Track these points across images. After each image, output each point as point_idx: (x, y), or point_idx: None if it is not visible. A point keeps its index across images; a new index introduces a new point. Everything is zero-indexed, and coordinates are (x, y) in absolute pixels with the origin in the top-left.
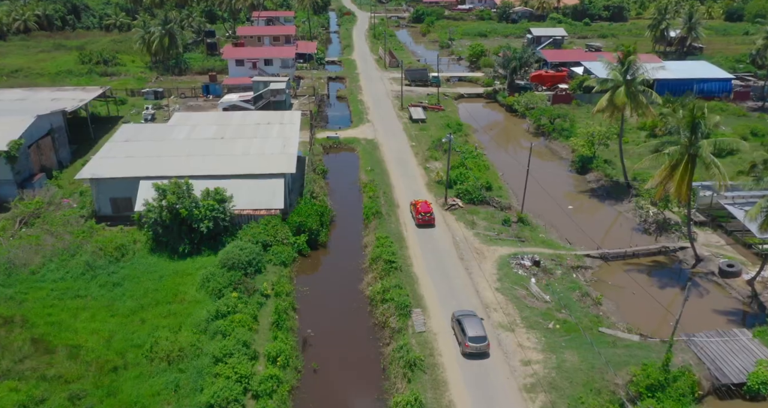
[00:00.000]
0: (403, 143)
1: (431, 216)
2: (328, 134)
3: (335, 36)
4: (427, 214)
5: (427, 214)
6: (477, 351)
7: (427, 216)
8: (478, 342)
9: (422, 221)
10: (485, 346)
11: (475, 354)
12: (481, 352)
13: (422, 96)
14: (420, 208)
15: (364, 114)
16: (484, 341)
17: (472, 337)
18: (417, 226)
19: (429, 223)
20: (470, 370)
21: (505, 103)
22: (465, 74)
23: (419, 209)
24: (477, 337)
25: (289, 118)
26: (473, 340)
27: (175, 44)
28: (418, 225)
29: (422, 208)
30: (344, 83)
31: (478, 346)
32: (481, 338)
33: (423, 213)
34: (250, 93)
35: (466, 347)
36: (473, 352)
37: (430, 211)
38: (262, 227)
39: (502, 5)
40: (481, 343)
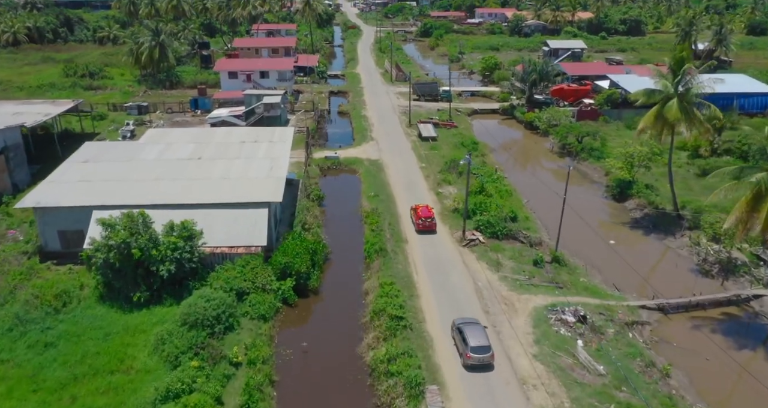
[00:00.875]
0: (412, 164)
1: (432, 221)
2: (327, 154)
3: (339, 50)
4: (428, 220)
5: (428, 219)
6: (480, 362)
7: (428, 221)
8: (481, 352)
9: (423, 227)
10: (489, 357)
11: (478, 366)
12: (485, 364)
13: (432, 112)
14: (420, 212)
15: (367, 131)
16: (487, 351)
17: (475, 347)
18: (417, 232)
19: (430, 228)
20: None
21: (524, 120)
22: (478, 88)
23: (420, 214)
24: (480, 347)
25: (280, 135)
26: (476, 351)
27: (166, 56)
28: (418, 231)
29: (423, 213)
30: (347, 98)
31: (481, 357)
32: (485, 348)
33: (424, 218)
34: (242, 107)
35: (467, 358)
36: (476, 364)
37: (431, 216)
38: (239, 270)
39: (514, 19)
40: (485, 354)
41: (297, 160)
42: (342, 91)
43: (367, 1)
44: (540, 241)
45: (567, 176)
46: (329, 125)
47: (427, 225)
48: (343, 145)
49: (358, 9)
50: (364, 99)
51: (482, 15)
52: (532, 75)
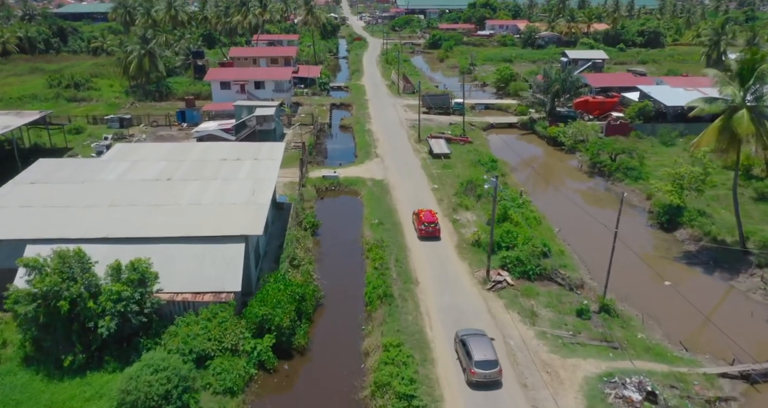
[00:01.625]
0: (422, 185)
1: (436, 227)
2: (325, 173)
3: (344, 62)
4: (431, 225)
5: (431, 225)
6: (486, 379)
7: (431, 227)
8: (488, 367)
9: (425, 233)
10: (496, 372)
11: (484, 383)
12: (491, 381)
13: (444, 126)
14: (423, 217)
15: (372, 147)
16: (494, 367)
17: (480, 362)
18: (419, 238)
19: (433, 234)
20: None
21: (546, 135)
22: (493, 101)
23: (422, 218)
24: (485, 361)
25: (269, 151)
26: (481, 366)
27: (156, 66)
28: (420, 237)
29: (426, 218)
30: (350, 110)
31: (488, 373)
32: (491, 363)
33: (427, 223)
34: (233, 121)
35: (471, 374)
36: (481, 381)
37: (434, 221)
38: (203, 325)
39: (527, 30)
40: (491, 370)
41: (291, 179)
42: (345, 103)
43: (374, 15)
44: (581, 282)
45: (620, 204)
46: (329, 140)
47: (431, 231)
48: (344, 162)
49: (365, 22)
50: (369, 112)
51: (493, 27)
52: (554, 85)
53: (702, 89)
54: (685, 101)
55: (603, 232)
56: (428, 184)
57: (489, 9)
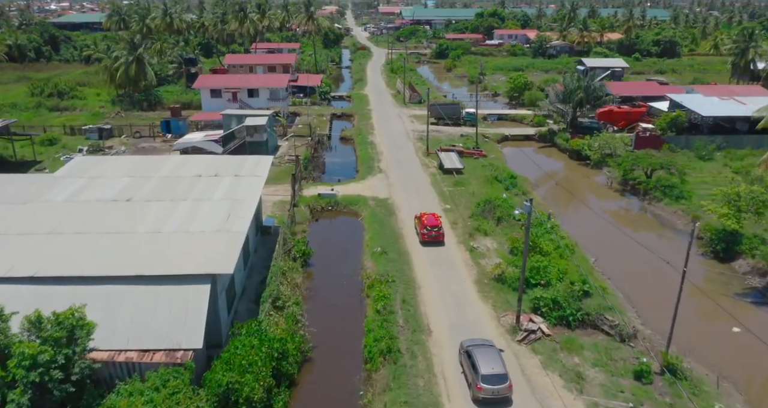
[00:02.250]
0: (432, 205)
1: (439, 231)
2: (321, 190)
3: (347, 72)
4: (434, 229)
5: (435, 229)
6: (494, 395)
7: (434, 231)
8: (496, 382)
9: (428, 238)
10: (505, 388)
11: (492, 400)
12: (500, 397)
13: (455, 138)
14: (426, 220)
15: (375, 161)
16: (503, 381)
17: (487, 376)
18: (421, 243)
19: (437, 239)
20: None
21: (569, 148)
22: (506, 112)
23: (425, 222)
24: (493, 375)
25: (254, 166)
26: (488, 380)
27: (144, 74)
28: (422, 242)
29: (428, 221)
30: (352, 121)
31: (496, 388)
32: (500, 377)
33: (429, 227)
34: (220, 131)
35: (477, 390)
36: (489, 397)
37: (438, 225)
38: (149, 396)
39: (537, 39)
40: (500, 385)
41: (282, 198)
42: (346, 113)
43: (379, 25)
44: (633, 331)
45: (691, 237)
46: (328, 153)
47: (434, 236)
48: (343, 178)
49: (369, 33)
50: (373, 122)
51: (501, 36)
52: (577, 94)
53: (739, 98)
54: (723, 111)
55: (645, 261)
56: (439, 204)
57: (497, 19)
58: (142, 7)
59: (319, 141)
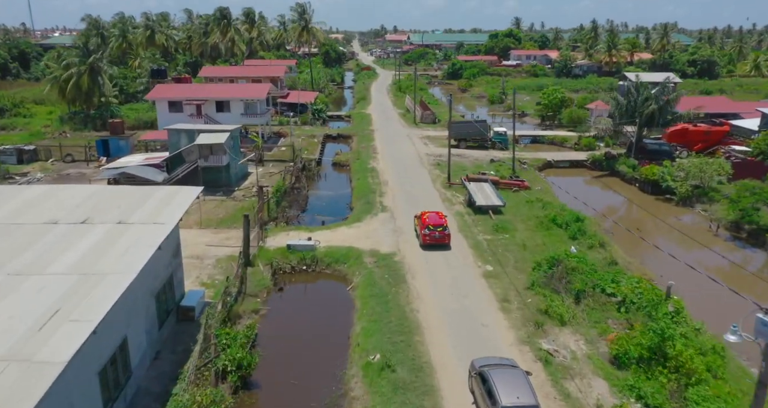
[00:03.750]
0: (465, 265)
1: (444, 231)
2: (292, 241)
3: (349, 93)
4: (438, 228)
5: (438, 228)
6: None
7: (438, 231)
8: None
9: (430, 240)
10: None
11: None
12: None
13: (482, 164)
14: (428, 219)
15: (376, 194)
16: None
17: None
18: (422, 246)
19: (441, 242)
20: None
21: (637, 177)
22: (542, 133)
23: (426, 221)
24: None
25: (161, 205)
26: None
27: (99, 87)
28: (423, 245)
29: (431, 220)
30: (349, 143)
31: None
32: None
33: (432, 226)
34: (166, 153)
35: None
36: None
37: (442, 224)
38: None
39: (561, 59)
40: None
41: (234, 251)
42: (343, 135)
43: (385, 50)
44: None
45: None
46: (316, 184)
47: (438, 237)
48: (330, 219)
49: (375, 56)
50: (376, 144)
51: (519, 57)
52: (646, 106)
53: None
54: None
55: None
56: (475, 262)
57: (513, 39)
58: (123, 22)
59: (304, 167)
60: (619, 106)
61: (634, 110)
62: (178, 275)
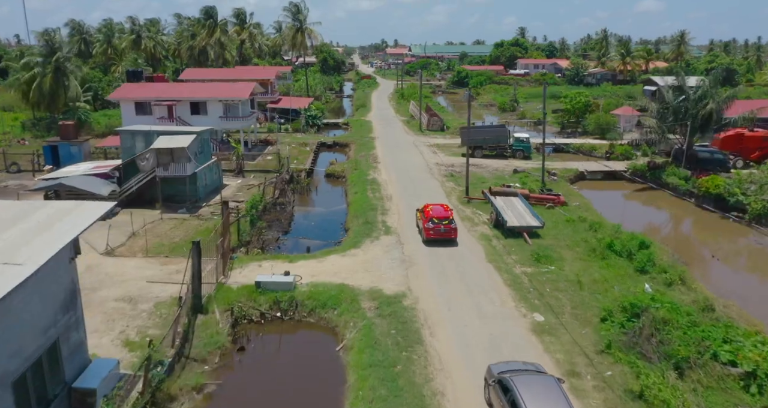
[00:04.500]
0: (505, 317)
1: (450, 224)
2: (263, 277)
3: (348, 102)
4: (443, 221)
5: (444, 221)
6: None
7: (443, 224)
8: None
9: (434, 235)
10: None
11: None
12: None
13: (504, 175)
14: (431, 212)
15: (378, 211)
16: None
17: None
18: (425, 241)
19: (446, 237)
20: None
21: (692, 191)
22: (567, 141)
23: (429, 213)
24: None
25: (32, 229)
26: None
27: (65, 89)
28: (426, 241)
29: (435, 212)
30: (347, 152)
31: None
32: None
33: (437, 219)
34: (118, 161)
35: None
36: None
37: (448, 216)
38: None
39: (573, 67)
40: None
41: (171, 293)
42: (340, 143)
43: (386, 61)
44: None
45: None
46: (305, 198)
47: (443, 232)
48: (317, 245)
49: (375, 67)
50: (377, 153)
51: (527, 66)
52: (704, 106)
53: None
54: None
55: None
56: (516, 310)
57: (520, 48)
58: (109, 27)
59: (292, 179)
60: (664, 107)
61: (685, 111)
62: (74, 339)
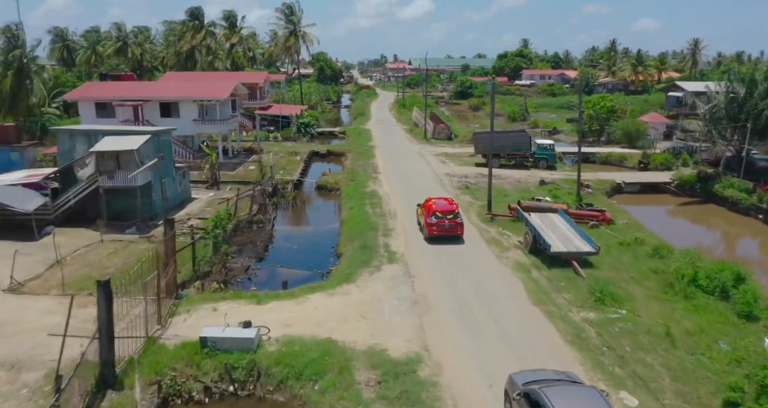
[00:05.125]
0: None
1: (456, 219)
2: (211, 331)
3: (346, 112)
4: (448, 215)
5: (449, 215)
6: None
7: (448, 219)
8: None
9: (438, 231)
10: None
11: None
12: None
13: (528, 187)
14: (434, 205)
15: (379, 232)
16: None
17: None
18: (427, 239)
19: (452, 233)
20: None
21: (760, 206)
22: (597, 150)
23: (432, 207)
24: None
25: None
26: None
27: (28, 91)
28: (429, 238)
29: (438, 206)
30: (342, 162)
31: None
32: None
33: (441, 213)
34: (54, 169)
35: None
36: None
37: (453, 210)
38: None
39: (583, 77)
40: None
41: (80, 352)
42: (335, 152)
43: (386, 74)
44: None
45: None
46: (286, 215)
47: (448, 227)
48: (297, 278)
49: (375, 80)
50: (377, 162)
51: (532, 77)
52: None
53: None
54: None
55: None
56: (590, 381)
57: (524, 59)
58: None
59: (275, 191)
60: (715, 106)
61: (739, 112)
62: None
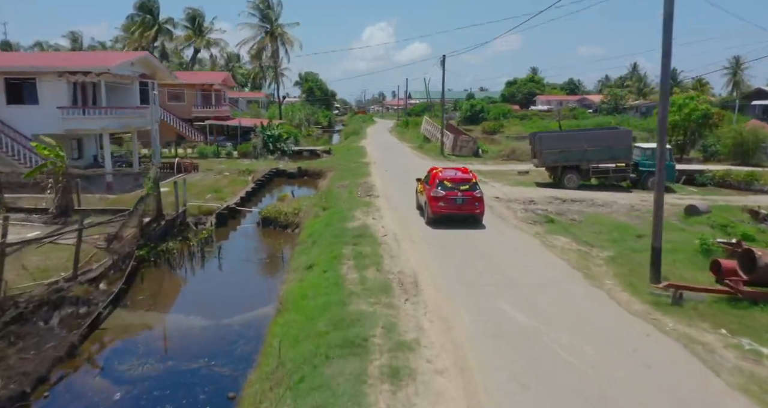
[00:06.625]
0: None
1: (473, 192)
2: None
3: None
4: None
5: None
6: None
7: (461, 190)
8: None
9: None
10: None
11: None
12: None
13: (673, 219)
14: (442, 174)
15: (375, 364)
16: None
17: None
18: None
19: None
20: None
21: None
22: (700, 167)
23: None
24: None
25: None
26: None
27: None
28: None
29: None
30: (317, 184)
31: None
32: None
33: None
34: None
35: None
36: None
37: (468, 179)
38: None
39: (611, 99)
40: None
41: None
42: (310, 170)
43: (385, 107)
44: None
45: None
46: (176, 277)
47: (460, 204)
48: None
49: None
50: (373, 181)
51: (549, 102)
52: None
53: None
54: None
55: None
56: None
57: (537, 84)
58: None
59: (176, 225)
60: None
61: None
62: None
